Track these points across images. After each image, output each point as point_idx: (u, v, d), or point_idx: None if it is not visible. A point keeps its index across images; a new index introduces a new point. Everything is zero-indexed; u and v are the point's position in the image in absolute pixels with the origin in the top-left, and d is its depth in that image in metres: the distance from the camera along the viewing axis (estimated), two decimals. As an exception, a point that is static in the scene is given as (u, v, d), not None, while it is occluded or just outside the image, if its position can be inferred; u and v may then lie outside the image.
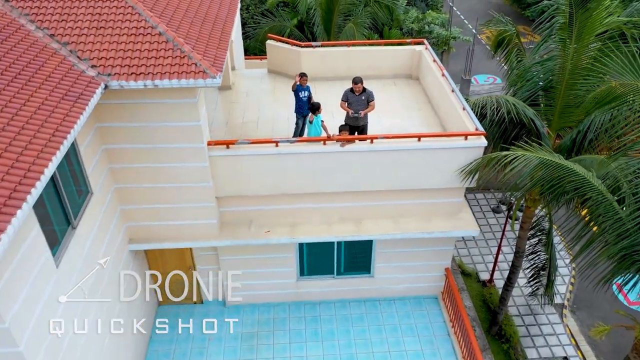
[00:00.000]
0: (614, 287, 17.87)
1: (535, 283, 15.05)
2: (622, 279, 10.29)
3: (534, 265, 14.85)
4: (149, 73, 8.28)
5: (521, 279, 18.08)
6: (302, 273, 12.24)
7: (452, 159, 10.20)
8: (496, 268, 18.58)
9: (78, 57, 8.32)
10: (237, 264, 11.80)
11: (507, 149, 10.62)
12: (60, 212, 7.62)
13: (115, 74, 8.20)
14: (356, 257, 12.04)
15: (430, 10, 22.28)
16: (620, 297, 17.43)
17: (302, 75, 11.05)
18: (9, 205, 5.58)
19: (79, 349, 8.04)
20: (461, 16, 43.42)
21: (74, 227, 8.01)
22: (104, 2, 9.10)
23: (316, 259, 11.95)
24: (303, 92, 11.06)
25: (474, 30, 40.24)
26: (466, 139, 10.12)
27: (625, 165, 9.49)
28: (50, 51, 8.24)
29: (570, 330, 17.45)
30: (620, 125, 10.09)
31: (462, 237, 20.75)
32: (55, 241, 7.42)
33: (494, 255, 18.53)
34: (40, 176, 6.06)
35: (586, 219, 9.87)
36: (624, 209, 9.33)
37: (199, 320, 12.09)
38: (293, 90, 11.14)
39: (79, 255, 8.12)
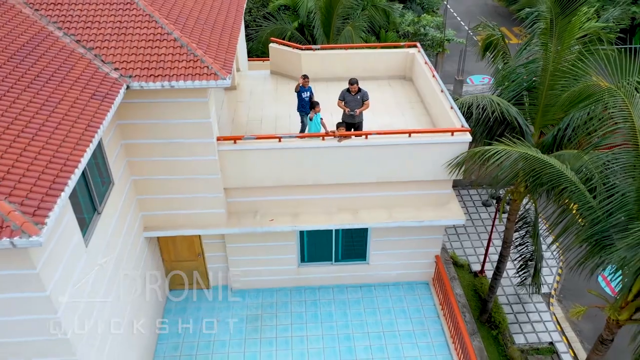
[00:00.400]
0: (600, 278, 18.86)
1: (524, 273, 15.94)
2: (608, 271, 11.25)
3: (522, 256, 15.77)
4: (165, 75, 9.24)
5: (511, 270, 19.07)
6: (302, 260, 13.20)
7: (440, 153, 11.17)
8: (487, 259, 19.56)
9: (102, 60, 9.28)
10: (242, 252, 12.76)
11: (491, 145, 11.58)
12: (87, 199, 8.57)
13: (135, 75, 9.17)
14: (353, 245, 13.00)
15: (425, 14, 23.19)
16: (607, 289, 18.39)
17: (305, 77, 12.03)
18: (53, 188, 6.53)
19: (107, 315, 9.00)
20: (457, 18, 44.25)
21: (99, 212, 8.98)
22: (124, 11, 10.06)
23: (316, 246, 12.92)
24: (305, 93, 12.04)
25: (470, 32, 41.26)
26: (453, 134, 11.08)
27: (596, 159, 10.45)
28: (77, 55, 9.20)
29: (556, 318, 18.42)
30: (592, 122, 11.04)
31: (455, 230, 21.77)
32: (84, 224, 8.37)
33: (485, 247, 19.50)
34: (77, 166, 7.02)
35: (562, 208, 10.84)
36: (596, 198, 10.29)
37: (207, 305, 13.11)
38: (296, 92, 12.11)
39: (103, 237, 9.08)
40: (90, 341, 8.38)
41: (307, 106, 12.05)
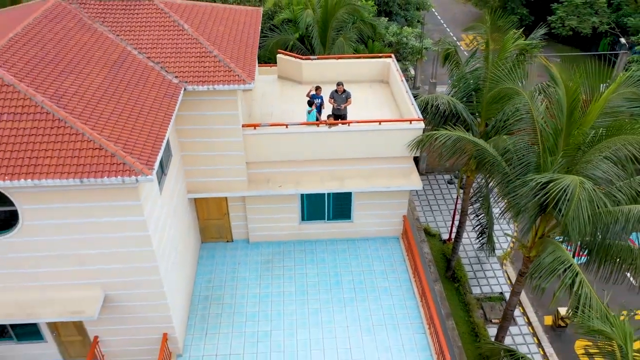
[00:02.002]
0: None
1: (481, 239, 20.13)
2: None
3: (479, 225, 19.99)
4: (209, 81, 13.56)
5: (473, 237, 23.41)
6: (303, 219, 17.51)
7: (402, 136, 15.49)
8: (453, 229, 23.89)
9: (166, 71, 13.60)
10: (258, 212, 17.08)
11: (441, 131, 15.88)
12: (159, 165, 12.88)
13: (189, 81, 13.49)
14: (341, 207, 17.30)
15: (406, 27, 27.49)
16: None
17: (318, 88, 16.42)
18: (154, 150, 10.85)
19: (174, 248, 13.32)
20: (444, 24, 48.51)
21: (165, 174, 13.31)
22: (177, 36, 14.37)
23: (313, 208, 17.22)
24: (317, 100, 16.42)
25: (454, 38, 45.54)
26: (411, 123, 15.41)
27: (511, 140, 14.75)
28: (149, 67, 13.53)
29: (508, 275, 22.76)
30: (510, 114, 15.35)
31: (430, 207, 26.14)
32: (159, 179, 12.68)
33: (451, 219, 23.85)
34: (164, 138, 11.34)
35: (486, 176, 15.17)
36: (511, 167, 14.57)
37: (231, 253, 17.45)
38: (307, 96, 16.47)
39: (167, 190, 13.41)
40: (163, 255, 12.70)
41: (318, 108, 16.47)
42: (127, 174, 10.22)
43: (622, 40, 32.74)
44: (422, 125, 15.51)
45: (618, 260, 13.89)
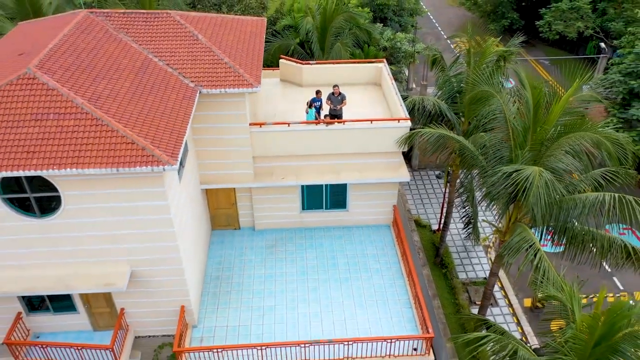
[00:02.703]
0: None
1: (467, 229, 22.02)
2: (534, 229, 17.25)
3: (465, 215, 21.90)
4: (221, 84, 15.49)
5: (460, 227, 25.33)
6: (303, 208, 19.43)
7: (391, 133, 17.41)
8: (442, 220, 25.81)
9: (183, 76, 15.54)
10: (263, 202, 19.00)
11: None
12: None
13: (204, 85, 15.42)
14: (337, 197, 19.23)
15: (399, 32, 29.42)
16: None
17: (318, 92, 18.35)
18: (177, 144, 12.80)
19: (190, 231, 15.26)
20: (438, 27, 50.42)
21: (183, 165, 15.25)
22: (193, 45, 16.30)
23: (312, 198, 19.15)
24: (317, 103, 18.35)
25: (448, 41, 47.45)
26: (399, 122, 17.35)
27: (489, 138, 16.67)
28: (169, 73, 15.47)
29: (491, 261, 24.67)
30: (486, 114, 17.27)
31: (421, 200, 28.08)
32: (178, 171, 14.62)
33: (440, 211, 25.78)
34: (184, 133, 13.28)
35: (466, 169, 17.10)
36: (487, 161, 16.49)
37: (238, 239, 19.39)
38: (307, 103, 18.41)
39: (185, 180, 15.35)
40: (181, 236, 14.64)
41: (317, 109, 18.42)
42: (156, 164, 12.17)
43: (602, 45, 34.63)
44: (409, 123, 17.45)
45: (583, 242, 15.82)
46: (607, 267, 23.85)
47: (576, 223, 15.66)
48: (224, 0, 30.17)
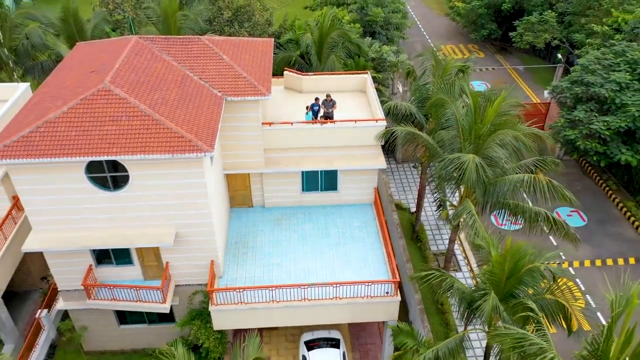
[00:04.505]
0: (492, 217, 30.18)
1: (439, 211, 27.07)
2: (497, 211, 22.22)
3: (437, 199, 26.97)
4: (241, 94, 20.60)
5: (434, 208, 30.45)
6: (303, 189, 24.55)
7: (371, 131, 22.56)
8: (418, 202, 30.90)
9: (213, 87, 20.66)
10: (271, 184, 24.12)
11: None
12: (210, 148, 19.92)
13: (228, 94, 20.54)
14: (330, 181, 24.34)
15: (385, 45, 34.56)
16: (494, 221, 29.80)
17: (316, 99, 23.45)
18: (212, 136, 17.92)
19: (217, 204, 20.35)
20: (426, 36, 55.48)
21: (212, 156, 20.38)
22: (218, 63, 21.40)
23: (310, 182, 24.26)
24: (315, 107, 23.46)
25: (434, 49, 52.46)
26: (377, 122, 22.49)
27: (445, 133, 21.79)
28: (201, 85, 20.59)
29: (460, 239, 29.81)
30: (443, 115, 22.38)
31: (402, 187, 33.24)
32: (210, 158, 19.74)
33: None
34: (217, 129, 18.40)
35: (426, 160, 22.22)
36: (444, 152, 21.60)
37: (252, 214, 24.54)
38: (307, 108, 23.53)
39: (214, 166, 20.46)
40: (212, 206, 19.74)
41: (316, 113, 23.54)
42: (199, 151, 17.30)
43: (559, 55, 39.73)
44: (384, 123, 22.59)
45: (516, 214, 20.94)
46: (553, 240, 28.99)
47: (510, 199, 20.80)
48: (235, 18, 35.29)
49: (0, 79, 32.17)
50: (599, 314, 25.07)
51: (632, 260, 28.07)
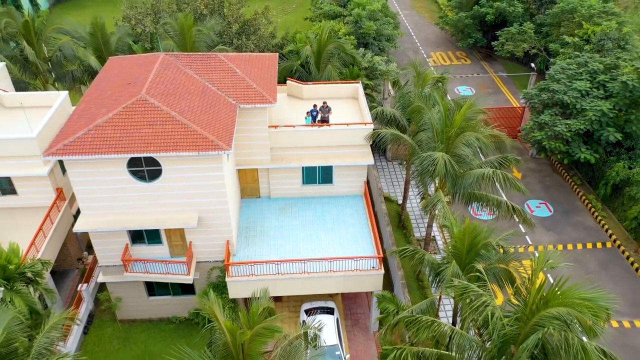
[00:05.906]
0: (470, 209, 34.32)
1: (422, 201, 31.25)
2: (470, 202, 26.36)
3: (420, 192, 31.15)
4: (252, 102, 24.75)
5: (418, 200, 34.62)
6: (303, 182, 28.69)
7: (361, 132, 26.72)
8: (404, 195, 35.08)
9: (228, 96, 24.81)
10: (276, 178, 28.27)
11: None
12: (226, 147, 24.08)
13: (241, 102, 24.69)
14: (326, 175, 28.49)
15: (376, 55, 38.73)
16: (471, 212, 33.97)
17: (315, 105, 27.62)
18: (229, 137, 22.08)
19: (232, 195, 24.49)
20: (418, 44, 59.61)
21: (229, 153, 24.53)
22: (232, 75, 25.55)
23: (309, 176, 28.41)
24: (314, 112, 27.65)
25: (425, 56, 56.65)
26: (365, 125, 26.66)
27: (423, 135, 25.94)
28: (218, 94, 24.75)
29: (440, 227, 33.96)
30: (420, 120, 26.51)
31: (392, 181, 37.42)
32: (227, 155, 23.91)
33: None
34: (233, 132, 22.56)
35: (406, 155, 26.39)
36: (422, 151, 25.77)
37: (259, 204, 28.73)
38: (307, 112, 27.72)
39: (230, 162, 24.61)
40: (228, 195, 23.88)
41: (315, 118, 27.70)
42: (220, 149, 21.47)
43: (532, 64, 43.91)
44: (372, 126, 26.77)
45: (482, 203, 25.11)
46: (522, 228, 33.15)
47: (477, 191, 24.97)
48: (243, 31, 39.45)
49: (35, 85, 36.36)
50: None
51: (589, 245, 32.24)
